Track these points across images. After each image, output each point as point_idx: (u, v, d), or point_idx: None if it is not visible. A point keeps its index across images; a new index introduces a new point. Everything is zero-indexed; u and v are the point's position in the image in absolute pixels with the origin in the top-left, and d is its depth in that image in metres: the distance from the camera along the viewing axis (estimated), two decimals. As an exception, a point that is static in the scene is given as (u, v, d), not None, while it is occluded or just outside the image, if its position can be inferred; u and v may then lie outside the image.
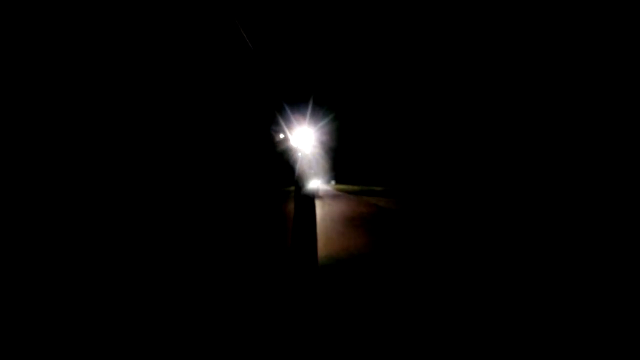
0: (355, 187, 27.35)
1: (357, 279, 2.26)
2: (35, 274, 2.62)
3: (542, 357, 1.19)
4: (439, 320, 1.51)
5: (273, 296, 1.79)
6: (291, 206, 7.93)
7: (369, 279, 2.26)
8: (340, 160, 46.15)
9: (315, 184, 22.68)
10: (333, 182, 44.99)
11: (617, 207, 5.91)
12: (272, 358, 1.19)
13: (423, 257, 2.86)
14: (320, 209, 6.27)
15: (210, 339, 1.29)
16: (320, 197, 10.46)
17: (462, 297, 1.84)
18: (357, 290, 2.01)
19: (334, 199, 10.78)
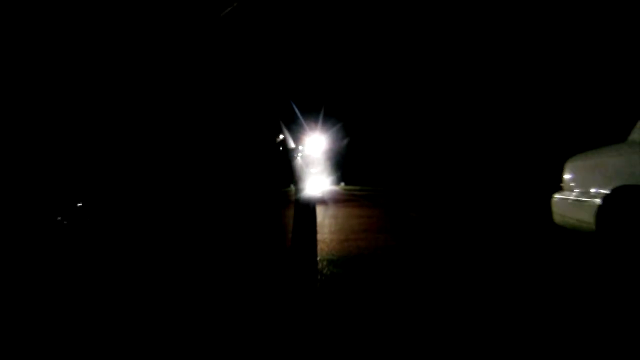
0: (356, 187, 28.87)
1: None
2: (33, 273, 2.64)
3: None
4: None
5: (270, 302, 1.75)
6: (291, 206, 8.10)
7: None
8: (350, 164, 46.39)
9: (323, 184, 22.94)
10: (343, 184, 45.36)
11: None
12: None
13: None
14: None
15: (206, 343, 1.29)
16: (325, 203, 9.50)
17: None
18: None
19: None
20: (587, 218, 2.51)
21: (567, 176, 2.89)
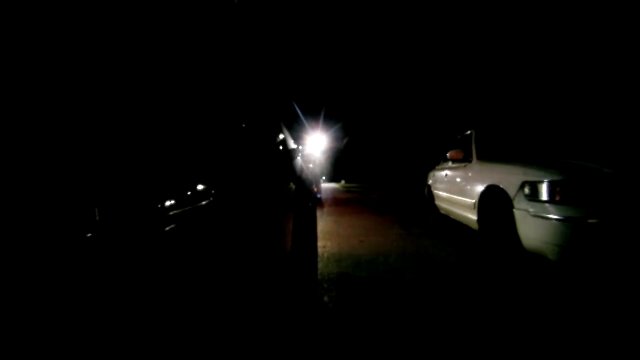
0: (354, 184, 32.43)
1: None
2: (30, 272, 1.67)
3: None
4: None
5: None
6: (290, 204, 10.66)
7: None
8: (350, 162, 49.72)
9: (322, 182, 26.07)
10: (343, 181, 48.90)
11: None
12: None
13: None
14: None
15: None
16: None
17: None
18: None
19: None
20: (427, 193, 6.03)
21: (429, 177, 6.38)
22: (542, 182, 2.32)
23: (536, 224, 2.31)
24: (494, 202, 2.89)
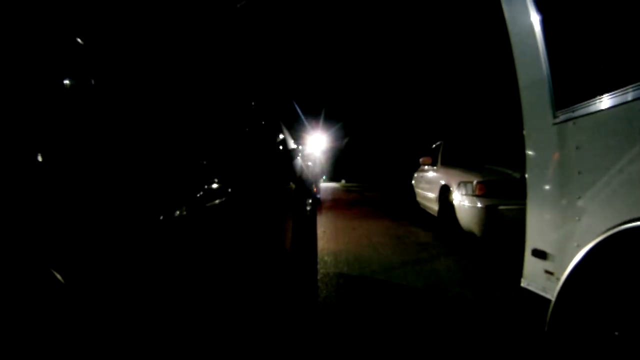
0: (355, 183, 33.45)
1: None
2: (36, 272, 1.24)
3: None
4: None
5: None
6: (291, 204, 11.14)
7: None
8: (351, 162, 50.75)
9: (322, 181, 26.84)
10: (343, 181, 49.93)
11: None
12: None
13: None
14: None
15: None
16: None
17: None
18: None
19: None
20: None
21: (413, 178, 7.46)
22: (470, 182, 3.42)
23: (466, 211, 3.41)
24: (445, 196, 3.98)
